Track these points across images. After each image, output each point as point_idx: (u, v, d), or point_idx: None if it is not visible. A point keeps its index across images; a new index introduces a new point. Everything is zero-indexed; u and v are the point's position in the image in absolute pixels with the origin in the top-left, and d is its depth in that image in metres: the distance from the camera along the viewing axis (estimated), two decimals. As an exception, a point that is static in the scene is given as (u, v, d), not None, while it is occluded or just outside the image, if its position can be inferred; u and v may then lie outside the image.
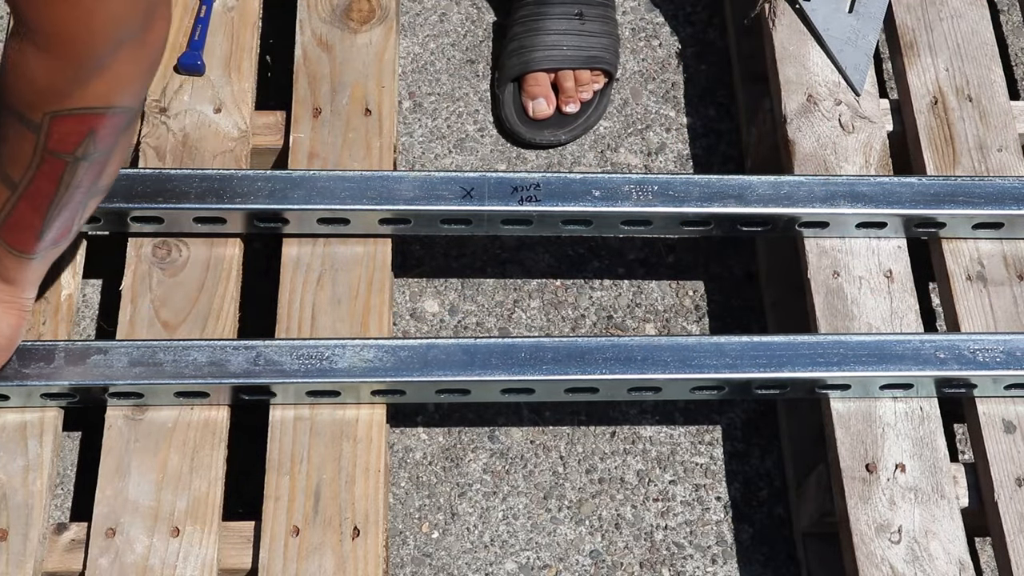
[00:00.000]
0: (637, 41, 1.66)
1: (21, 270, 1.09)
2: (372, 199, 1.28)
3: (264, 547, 1.15)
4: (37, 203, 1.01)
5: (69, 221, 1.05)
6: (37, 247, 1.06)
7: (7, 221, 1.03)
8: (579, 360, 1.20)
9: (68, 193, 1.01)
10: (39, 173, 0.98)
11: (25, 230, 1.04)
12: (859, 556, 1.16)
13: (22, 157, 0.98)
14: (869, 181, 1.31)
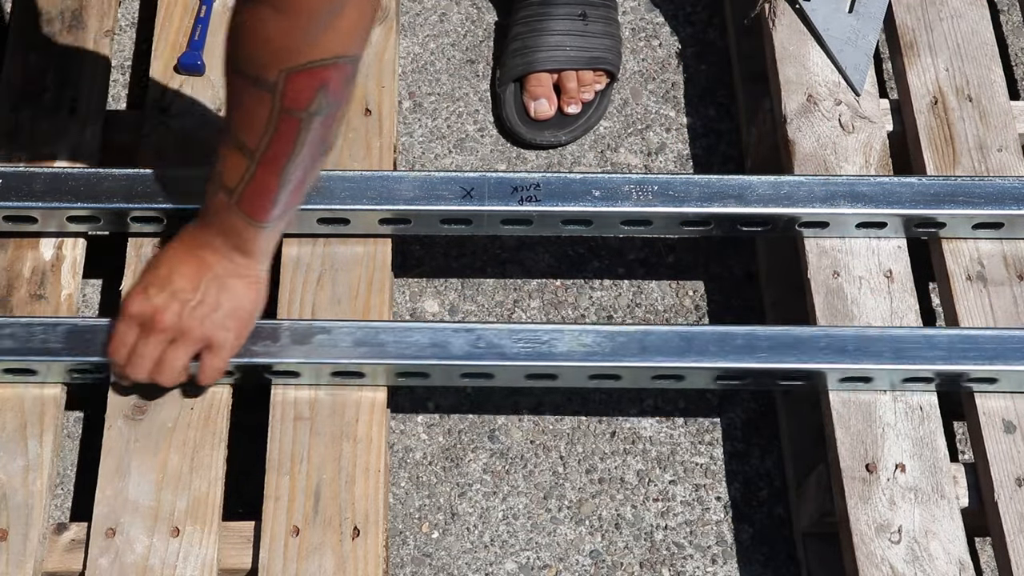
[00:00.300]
0: (637, 41, 1.66)
1: (257, 240, 1.11)
2: (372, 199, 1.28)
3: (264, 547, 1.15)
4: (274, 166, 1.03)
5: (301, 184, 1.07)
6: (272, 214, 1.08)
7: (245, 191, 1.06)
8: (794, 348, 1.21)
9: (303, 152, 1.02)
10: (276, 135, 1.00)
11: (262, 196, 1.06)
12: (859, 556, 1.16)
13: (258, 121, 1.00)
14: (869, 181, 1.31)
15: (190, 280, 1.13)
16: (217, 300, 1.13)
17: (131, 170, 1.29)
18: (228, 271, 1.13)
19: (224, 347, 1.15)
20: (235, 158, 1.05)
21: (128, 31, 1.64)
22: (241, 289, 1.14)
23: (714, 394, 1.42)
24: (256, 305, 1.16)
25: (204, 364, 1.15)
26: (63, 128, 1.35)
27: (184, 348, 1.14)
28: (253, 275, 1.14)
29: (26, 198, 1.26)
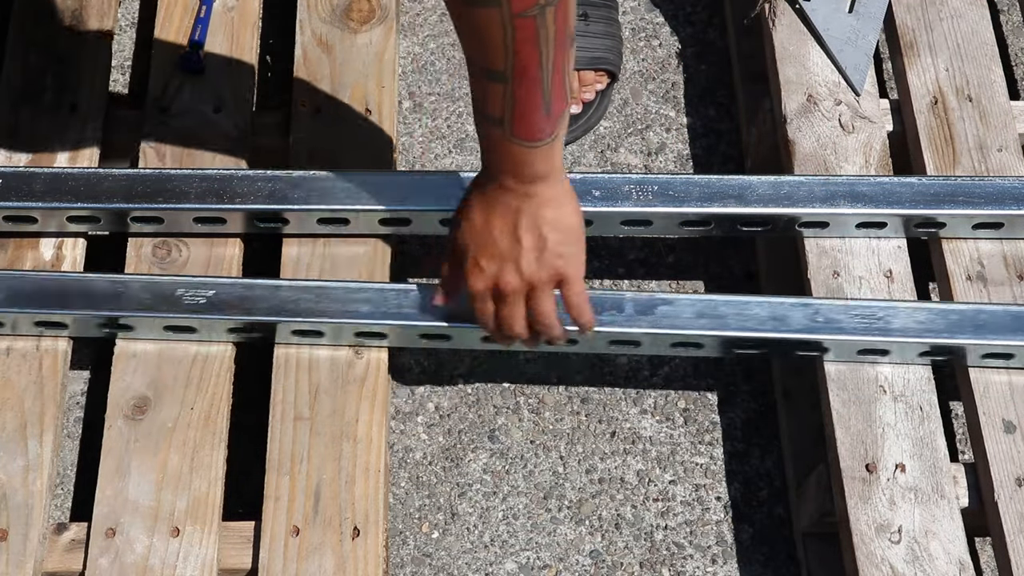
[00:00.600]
0: (637, 41, 1.66)
1: (546, 160, 1.07)
2: (372, 199, 1.28)
3: (264, 547, 1.15)
4: (530, 77, 1.00)
5: (561, 85, 1.03)
6: (547, 128, 1.05)
7: (514, 115, 1.03)
8: None
9: (550, 52, 0.99)
10: (517, 45, 0.98)
11: (531, 113, 1.03)
12: (859, 556, 1.16)
13: (495, 39, 0.98)
14: (869, 181, 1.31)
15: (509, 234, 1.10)
16: (542, 238, 1.10)
17: (131, 170, 1.29)
18: (537, 204, 1.10)
19: (573, 277, 1.13)
20: (490, 87, 1.02)
21: (128, 31, 1.64)
22: (555, 215, 1.10)
23: (714, 393, 1.42)
24: (577, 220, 1.12)
25: (568, 301, 1.15)
26: (63, 128, 1.35)
27: (542, 296, 1.13)
28: (560, 195, 1.11)
29: (26, 198, 1.26)
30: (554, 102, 1.03)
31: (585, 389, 1.41)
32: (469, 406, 1.40)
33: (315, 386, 1.22)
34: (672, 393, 1.42)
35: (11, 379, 1.22)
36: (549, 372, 1.42)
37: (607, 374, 1.42)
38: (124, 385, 1.22)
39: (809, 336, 1.22)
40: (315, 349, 1.24)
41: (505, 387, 1.41)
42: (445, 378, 1.42)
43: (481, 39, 0.99)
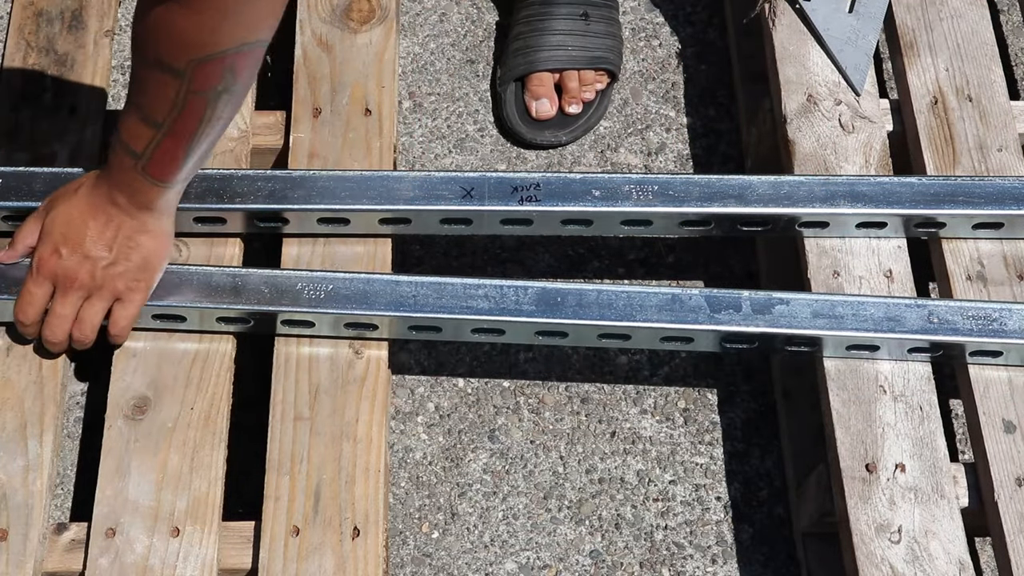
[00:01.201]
0: (637, 41, 1.66)
1: (162, 198, 1.15)
2: (372, 199, 1.28)
3: (264, 547, 1.15)
4: (181, 138, 1.07)
5: (208, 149, 1.12)
6: (178, 176, 1.13)
7: (153, 156, 1.10)
8: None
9: (209, 125, 1.07)
10: (183, 112, 1.05)
11: (169, 163, 1.10)
12: (859, 556, 1.16)
13: (165, 100, 1.05)
14: (869, 181, 1.31)
15: (101, 238, 1.16)
16: (128, 256, 1.17)
17: (131, 170, 1.29)
18: (135, 228, 1.16)
19: (135, 300, 1.19)
20: (141, 127, 1.08)
21: (128, 31, 1.64)
22: (150, 244, 1.17)
23: (714, 393, 1.42)
24: (163, 258, 1.19)
25: (116, 316, 1.19)
26: (63, 128, 1.35)
27: (100, 304, 1.18)
28: (159, 230, 1.18)
29: (26, 198, 1.26)
30: (190, 165, 1.11)
31: (585, 389, 1.41)
32: (469, 406, 1.40)
33: (315, 386, 1.22)
34: (672, 393, 1.42)
35: (11, 379, 1.22)
36: (549, 372, 1.42)
37: (607, 374, 1.42)
38: (124, 385, 1.22)
39: (925, 337, 1.22)
40: (315, 348, 1.24)
41: (505, 387, 1.41)
42: (445, 378, 1.42)
43: (153, 93, 1.05)
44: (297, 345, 1.24)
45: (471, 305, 1.22)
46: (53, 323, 1.18)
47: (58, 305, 1.18)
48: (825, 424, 1.24)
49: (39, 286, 1.18)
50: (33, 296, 1.18)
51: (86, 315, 1.18)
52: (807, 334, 1.22)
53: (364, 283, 1.23)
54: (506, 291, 1.23)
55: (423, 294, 1.22)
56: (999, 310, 1.23)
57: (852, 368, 1.25)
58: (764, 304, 1.23)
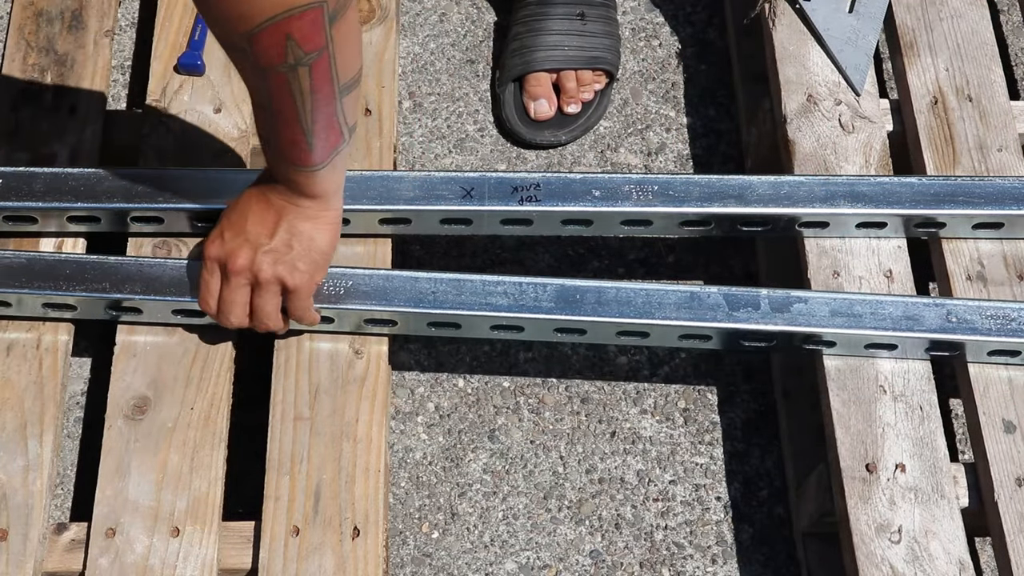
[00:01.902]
0: (637, 41, 1.66)
1: (315, 183, 1.12)
2: (372, 199, 1.28)
3: (264, 547, 1.15)
4: (287, 117, 1.04)
5: (329, 123, 1.06)
6: (314, 157, 1.08)
7: (278, 142, 1.08)
8: None
9: (307, 99, 1.02)
10: (272, 90, 1.01)
11: (294, 145, 1.07)
12: (859, 556, 1.16)
13: (251, 80, 1.03)
14: (869, 181, 1.31)
15: (262, 225, 1.15)
16: (288, 243, 1.15)
17: (131, 170, 1.29)
18: (297, 214, 1.14)
19: (301, 288, 1.16)
20: (258, 112, 1.07)
21: (128, 31, 1.64)
22: (311, 230, 1.15)
23: (714, 393, 1.42)
24: (327, 246, 1.17)
25: (290, 308, 1.18)
26: (63, 128, 1.35)
27: (266, 293, 1.16)
28: (324, 215, 1.15)
29: (26, 198, 1.26)
30: (318, 142, 1.07)
31: (585, 389, 1.41)
32: (469, 406, 1.40)
33: (315, 386, 1.22)
34: (672, 393, 1.42)
35: (11, 379, 1.22)
36: (549, 372, 1.42)
37: (607, 374, 1.42)
38: (124, 385, 1.22)
39: (944, 336, 1.23)
40: (315, 349, 1.24)
41: (505, 387, 1.41)
42: (445, 378, 1.42)
43: (242, 74, 1.04)
44: (297, 345, 1.24)
45: (490, 302, 1.22)
46: (224, 308, 1.17)
47: (224, 290, 1.17)
48: (825, 424, 1.24)
49: (210, 273, 1.17)
50: (207, 283, 1.17)
51: (257, 306, 1.17)
52: (825, 332, 1.22)
53: (383, 279, 1.23)
54: (525, 288, 1.23)
55: (442, 291, 1.22)
56: (1018, 310, 1.24)
57: (852, 368, 1.25)
58: (782, 303, 1.23)
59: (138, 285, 1.22)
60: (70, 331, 1.25)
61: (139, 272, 1.22)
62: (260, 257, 1.14)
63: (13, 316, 1.24)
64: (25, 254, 1.24)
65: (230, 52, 1.02)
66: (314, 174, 1.10)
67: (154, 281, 1.22)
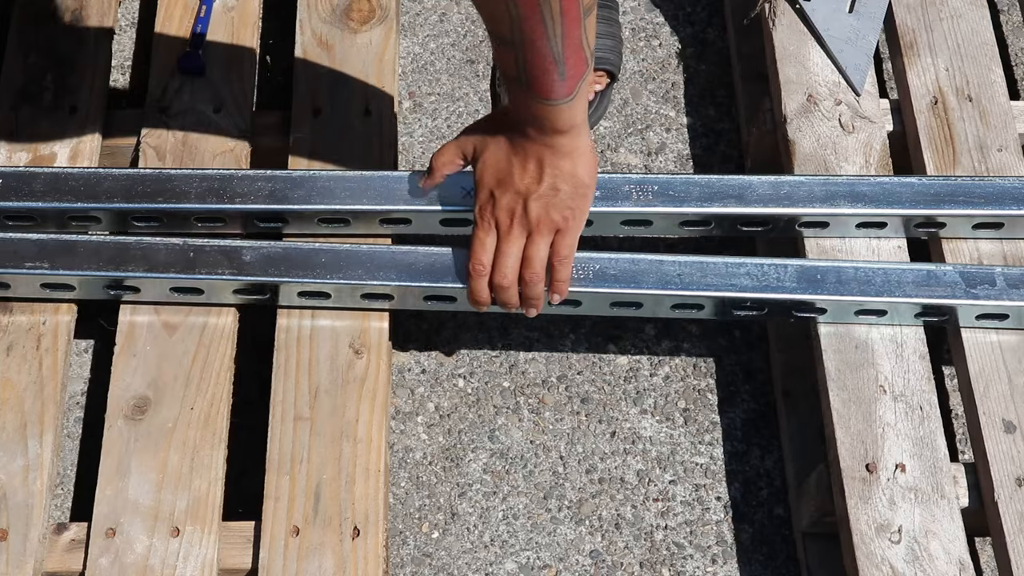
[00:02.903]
0: (637, 41, 1.66)
1: (564, 116, 1.12)
2: (372, 199, 1.28)
3: (264, 547, 1.15)
4: (538, 46, 1.05)
5: (577, 49, 1.07)
6: (564, 88, 1.09)
7: (527, 77, 1.08)
8: None
9: (557, 23, 1.03)
10: (522, 20, 1.03)
11: (544, 75, 1.07)
12: (859, 556, 1.16)
13: (500, 12, 1.03)
14: (869, 181, 1.31)
15: (525, 174, 1.16)
16: (554, 185, 1.16)
17: (131, 170, 1.29)
18: (554, 155, 1.16)
19: (572, 227, 1.19)
20: (504, 51, 1.08)
21: (128, 31, 1.64)
22: (571, 167, 1.16)
23: (714, 393, 1.42)
24: (590, 177, 1.18)
25: (557, 247, 1.19)
26: (63, 128, 1.35)
27: (541, 240, 1.18)
28: (579, 149, 1.16)
29: (26, 198, 1.26)
30: (568, 68, 1.07)
31: (585, 389, 1.41)
32: (469, 406, 1.40)
33: (315, 386, 1.22)
34: (672, 393, 1.42)
35: (11, 379, 1.22)
36: (549, 372, 1.42)
37: (607, 374, 1.42)
38: (124, 385, 1.22)
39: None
40: (315, 349, 1.24)
41: (505, 387, 1.41)
42: (445, 378, 1.42)
43: (489, 11, 1.05)
44: (297, 345, 1.24)
45: (735, 283, 1.24)
46: (502, 263, 1.19)
47: (503, 244, 1.19)
48: (825, 424, 1.24)
49: (486, 232, 1.19)
50: (483, 242, 1.19)
51: (530, 253, 1.19)
52: None
53: (629, 263, 1.25)
54: (767, 269, 1.25)
55: (687, 272, 1.25)
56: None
57: (852, 368, 1.25)
58: (1018, 279, 1.25)
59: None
60: (70, 332, 1.25)
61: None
62: (532, 204, 1.16)
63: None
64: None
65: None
66: (565, 106, 1.11)
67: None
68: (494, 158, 1.18)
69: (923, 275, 1.26)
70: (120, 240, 1.25)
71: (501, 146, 1.18)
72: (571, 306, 1.25)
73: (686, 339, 1.44)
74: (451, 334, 1.44)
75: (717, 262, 1.25)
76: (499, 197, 1.17)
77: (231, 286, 1.24)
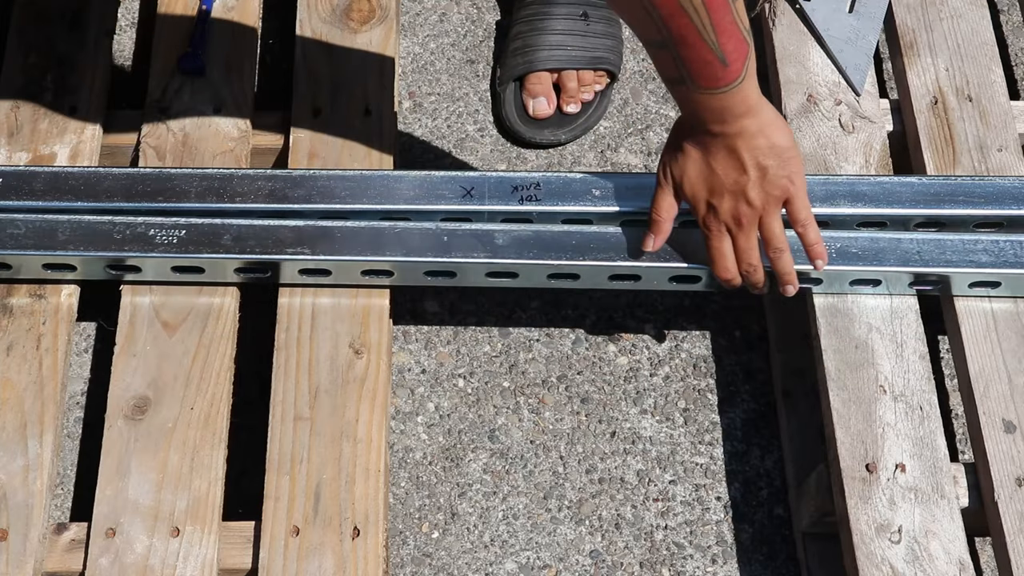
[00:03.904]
0: (637, 41, 1.66)
1: (742, 97, 1.12)
2: (372, 199, 1.28)
3: (264, 547, 1.15)
4: (690, 41, 1.06)
5: (731, 31, 1.07)
6: (730, 72, 1.09)
7: (691, 75, 1.09)
8: None
9: (702, 13, 1.04)
10: (665, 20, 1.04)
11: (707, 68, 1.08)
12: (859, 556, 1.16)
13: (642, 18, 1.05)
14: (869, 181, 1.31)
15: (732, 168, 1.17)
16: (762, 166, 1.16)
17: (131, 169, 1.29)
18: (747, 138, 1.15)
19: (797, 192, 1.19)
20: (659, 54, 1.09)
21: (128, 31, 1.64)
22: (768, 143, 1.16)
23: (714, 393, 1.42)
24: (789, 140, 1.18)
25: (791, 209, 1.19)
26: (63, 128, 1.35)
27: (771, 219, 1.19)
28: (766, 123, 1.16)
29: (26, 197, 1.26)
30: (728, 53, 1.08)
31: (585, 389, 1.41)
32: (469, 406, 1.40)
33: (315, 386, 1.22)
34: (672, 393, 1.42)
35: (11, 379, 1.22)
36: (549, 372, 1.42)
37: (607, 374, 1.42)
38: (124, 385, 1.22)
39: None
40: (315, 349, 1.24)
41: (505, 387, 1.42)
42: (445, 378, 1.42)
43: (631, 18, 1.06)
44: (297, 345, 1.24)
45: (972, 259, 1.26)
46: (744, 257, 1.20)
47: (741, 240, 1.20)
48: (825, 424, 1.24)
49: (720, 240, 1.20)
50: (721, 252, 1.21)
51: (766, 230, 1.19)
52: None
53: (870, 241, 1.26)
54: (1003, 246, 1.26)
55: (926, 250, 1.26)
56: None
57: (852, 368, 1.25)
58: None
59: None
60: (70, 332, 1.25)
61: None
62: (754, 193, 1.17)
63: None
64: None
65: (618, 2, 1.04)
66: (737, 90, 1.11)
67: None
68: (694, 171, 1.18)
69: None
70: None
71: (694, 157, 1.18)
72: (812, 283, 1.27)
73: (686, 339, 1.44)
74: (451, 334, 1.44)
75: (954, 239, 1.26)
76: (717, 205, 1.18)
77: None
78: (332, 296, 1.27)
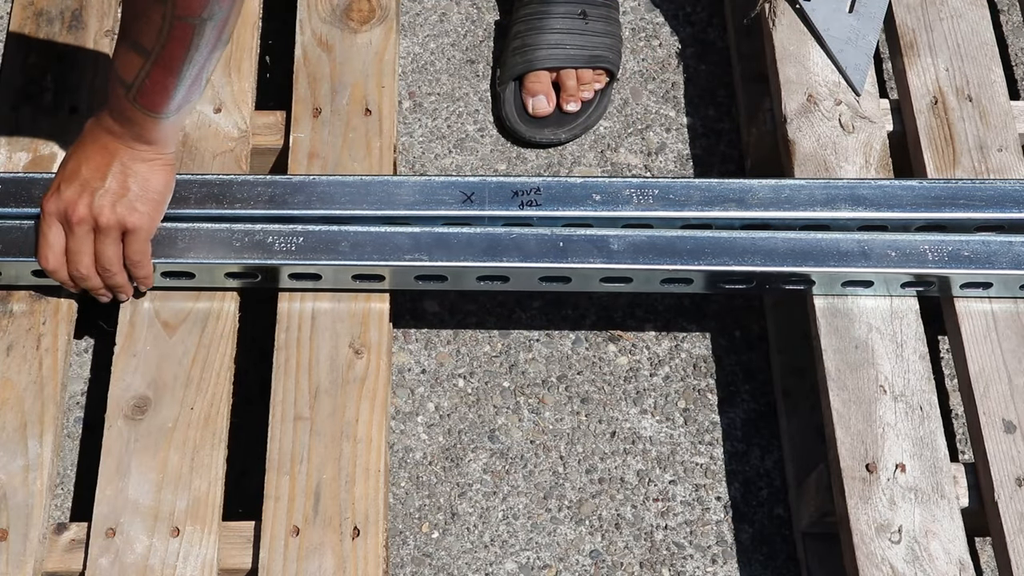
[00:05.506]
0: (637, 41, 1.66)
1: (160, 129, 1.15)
2: (372, 204, 1.28)
3: (264, 547, 1.15)
4: (170, 66, 1.08)
5: (198, 77, 1.11)
6: (170, 106, 1.12)
7: (143, 86, 1.10)
8: None
9: (197, 52, 1.07)
10: (170, 39, 1.05)
11: (159, 93, 1.10)
12: (859, 556, 1.17)
13: (152, 26, 1.05)
14: (870, 184, 1.31)
15: (97, 169, 1.16)
16: (124, 185, 1.16)
17: (131, 170, 1.29)
18: (133, 157, 1.16)
19: (140, 229, 1.18)
20: (131, 56, 1.09)
21: (128, 31, 1.64)
22: (147, 172, 1.17)
23: (714, 393, 1.42)
24: (164, 188, 1.19)
25: (127, 251, 1.19)
26: (63, 128, 1.35)
27: (107, 237, 1.18)
28: (159, 158, 1.17)
29: (25, 204, 1.26)
30: (187, 92, 1.11)
31: (585, 389, 1.41)
32: (469, 406, 1.40)
33: (315, 386, 1.23)
34: (672, 393, 1.42)
35: (11, 379, 1.22)
36: (549, 372, 1.42)
37: (607, 374, 1.42)
38: (124, 385, 1.22)
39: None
40: (315, 349, 1.24)
41: (505, 387, 1.42)
42: (445, 378, 1.42)
43: (140, 18, 1.06)
44: (297, 346, 1.24)
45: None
46: (72, 260, 1.18)
47: (69, 240, 1.18)
48: (825, 424, 1.24)
49: (49, 226, 1.18)
50: (46, 238, 1.18)
51: (100, 251, 1.18)
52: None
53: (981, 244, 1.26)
54: (993, 247, 1.26)
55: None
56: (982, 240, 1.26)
57: (852, 368, 1.25)
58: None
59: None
60: (70, 332, 1.25)
61: None
62: (98, 200, 1.16)
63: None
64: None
65: None
66: (163, 121, 1.13)
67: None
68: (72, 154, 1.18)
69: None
70: None
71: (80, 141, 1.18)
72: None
73: (686, 339, 1.45)
74: (451, 334, 1.44)
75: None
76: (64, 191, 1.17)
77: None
78: (333, 299, 1.27)
